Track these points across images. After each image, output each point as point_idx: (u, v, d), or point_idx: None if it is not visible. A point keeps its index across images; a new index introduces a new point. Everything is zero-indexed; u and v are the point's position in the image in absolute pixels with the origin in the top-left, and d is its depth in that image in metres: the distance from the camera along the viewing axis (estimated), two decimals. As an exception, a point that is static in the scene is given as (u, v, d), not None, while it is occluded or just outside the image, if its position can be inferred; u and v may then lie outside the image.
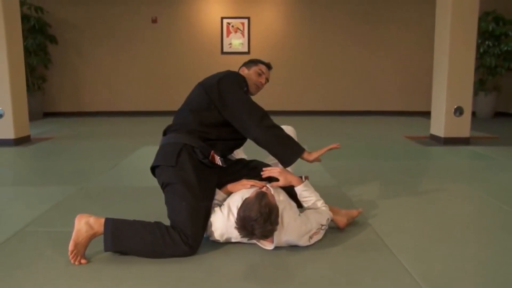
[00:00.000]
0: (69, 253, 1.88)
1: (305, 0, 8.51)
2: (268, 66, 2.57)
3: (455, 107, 5.06)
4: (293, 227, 1.99)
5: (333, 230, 2.30)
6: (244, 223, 1.83)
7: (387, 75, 8.74)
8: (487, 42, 7.90)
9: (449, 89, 5.02)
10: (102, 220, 1.94)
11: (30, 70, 7.84)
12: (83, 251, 1.92)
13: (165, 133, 2.34)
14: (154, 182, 3.42)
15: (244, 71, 2.54)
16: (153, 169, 2.23)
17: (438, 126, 5.25)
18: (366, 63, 8.69)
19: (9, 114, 5.08)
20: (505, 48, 7.77)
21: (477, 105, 8.15)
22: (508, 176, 3.60)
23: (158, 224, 1.98)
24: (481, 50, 7.89)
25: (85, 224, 1.91)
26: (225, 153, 2.30)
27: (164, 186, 2.13)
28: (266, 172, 2.20)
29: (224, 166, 2.22)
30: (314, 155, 2.23)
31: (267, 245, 1.99)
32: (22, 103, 5.33)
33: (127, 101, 8.73)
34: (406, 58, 8.68)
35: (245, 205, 1.87)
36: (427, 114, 6.34)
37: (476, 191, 3.13)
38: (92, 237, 1.93)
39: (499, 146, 5.02)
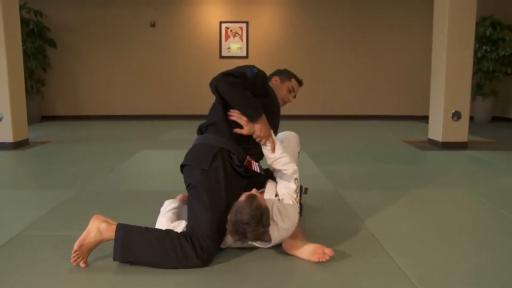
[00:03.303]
0: (72, 251, 1.86)
1: (303, 5, 8.55)
2: (300, 83, 2.55)
3: (453, 111, 5.08)
4: (287, 218, 1.98)
5: (330, 235, 2.30)
6: (236, 227, 1.83)
7: (385, 80, 8.77)
8: (484, 47, 7.94)
9: (447, 94, 5.04)
10: (114, 227, 1.90)
11: (29, 73, 7.85)
12: (86, 254, 1.89)
13: (200, 130, 2.24)
14: (152, 186, 3.44)
15: (277, 81, 2.49)
16: (182, 166, 2.16)
17: (436, 130, 5.27)
18: (364, 67, 8.72)
19: (7, 117, 5.08)
20: (503, 53, 7.81)
21: (474, 109, 8.19)
22: (505, 181, 3.61)
23: (169, 234, 1.92)
24: (479, 55, 7.93)
25: (96, 229, 1.89)
26: (258, 159, 2.22)
27: (190, 187, 2.06)
28: (234, 116, 2.13)
29: (262, 173, 2.14)
30: (264, 127, 2.12)
31: (265, 244, 2.00)
32: (21, 106, 5.34)
33: (126, 105, 8.74)
34: (404, 62, 8.72)
35: (236, 208, 1.86)
36: (425, 119, 6.35)
37: (474, 195, 3.14)
38: (100, 242, 1.90)
39: (497, 150, 5.04)
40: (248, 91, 2.09)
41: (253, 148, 2.15)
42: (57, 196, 3.06)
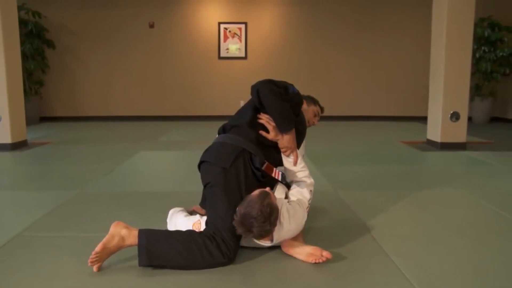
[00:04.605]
0: (93, 252, 1.85)
1: (302, 5, 8.56)
2: (322, 110, 2.69)
3: (452, 112, 5.08)
4: (294, 219, 2.00)
5: (330, 236, 2.31)
6: (244, 220, 1.84)
7: (384, 81, 8.78)
8: (483, 48, 7.96)
9: (446, 95, 5.05)
10: (135, 232, 1.91)
11: (27, 74, 7.84)
12: (105, 257, 1.90)
13: (223, 129, 2.26)
14: (151, 187, 3.44)
15: (304, 104, 2.55)
16: (200, 163, 2.17)
17: (435, 131, 5.28)
18: (363, 68, 8.73)
19: (6, 118, 5.07)
20: (501, 54, 7.83)
21: (473, 110, 8.20)
22: (504, 182, 3.62)
23: (192, 235, 1.92)
24: (477, 55, 7.94)
25: (119, 234, 1.90)
26: (275, 167, 2.22)
27: (210, 185, 2.05)
28: (264, 119, 2.17)
29: (283, 182, 2.18)
30: (292, 139, 2.17)
31: (265, 243, 2.01)
32: (19, 107, 5.33)
33: (124, 106, 8.73)
34: (403, 63, 8.73)
35: (247, 202, 1.88)
36: (423, 119, 6.36)
37: (472, 196, 3.14)
38: (121, 248, 1.91)
39: (495, 151, 5.04)
40: (287, 103, 2.15)
41: (273, 156, 2.18)
42: (56, 197, 3.06)
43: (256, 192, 1.94)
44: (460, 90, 5.07)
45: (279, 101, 2.11)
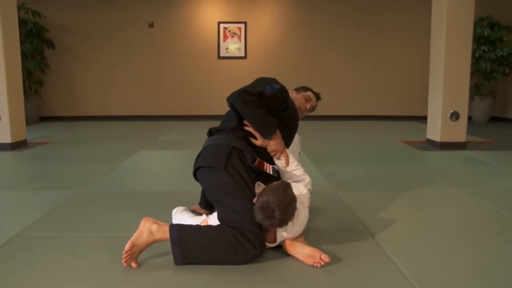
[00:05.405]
0: (123, 252, 1.86)
1: (302, 5, 8.56)
2: (317, 96, 2.65)
3: (451, 111, 5.08)
4: (297, 219, 2.02)
5: (329, 236, 2.30)
6: (266, 206, 1.85)
7: (383, 80, 8.78)
8: (482, 47, 7.96)
9: (445, 94, 5.05)
10: (166, 228, 1.91)
11: (27, 74, 7.84)
12: (137, 255, 1.90)
13: (210, 132, 2.28)
14: (150, 187, 3.43)
15: (293, 93, 2.59)
16: (196, 169, 2.17)
17: (434, 130, 5.27)
18: (363, 67, 8.73)
19: (5, 118, 5.07)
20: (501, 53, 7.83)
21: (473, 109, 8.20)
22: (504, 181, 3.61)
23: (224, 231, 1.91)
24: (477, 55, 7.94)
25: (148, 230, 1.91)
26: (268, 162, 2.23)
27: (215, 187, 2.05)
28: (250, 128, 2.17)
29: (275, 175, 2.19)
30: (279, 142, 2.19)
31: (270, 244, 2.02)
32: (19, 107, 5.33)
33: (124, 106, 8.73)
34: (402, 63, 8.73)
35: (269, 190, 1.90)
36: (423, 119, 6.36)
37: (472, 195, 3.14)
38: (152, 243, 1.92)
39: (495, 150, 5.04)
40: (263, 109, 2.14)
41: (263, 152, 2.18)
42: (56, 197, 3.05)
43: (276, 182, 1.99)
44: (459, 89, 5.07)
45: (255, 110, 2.11)
